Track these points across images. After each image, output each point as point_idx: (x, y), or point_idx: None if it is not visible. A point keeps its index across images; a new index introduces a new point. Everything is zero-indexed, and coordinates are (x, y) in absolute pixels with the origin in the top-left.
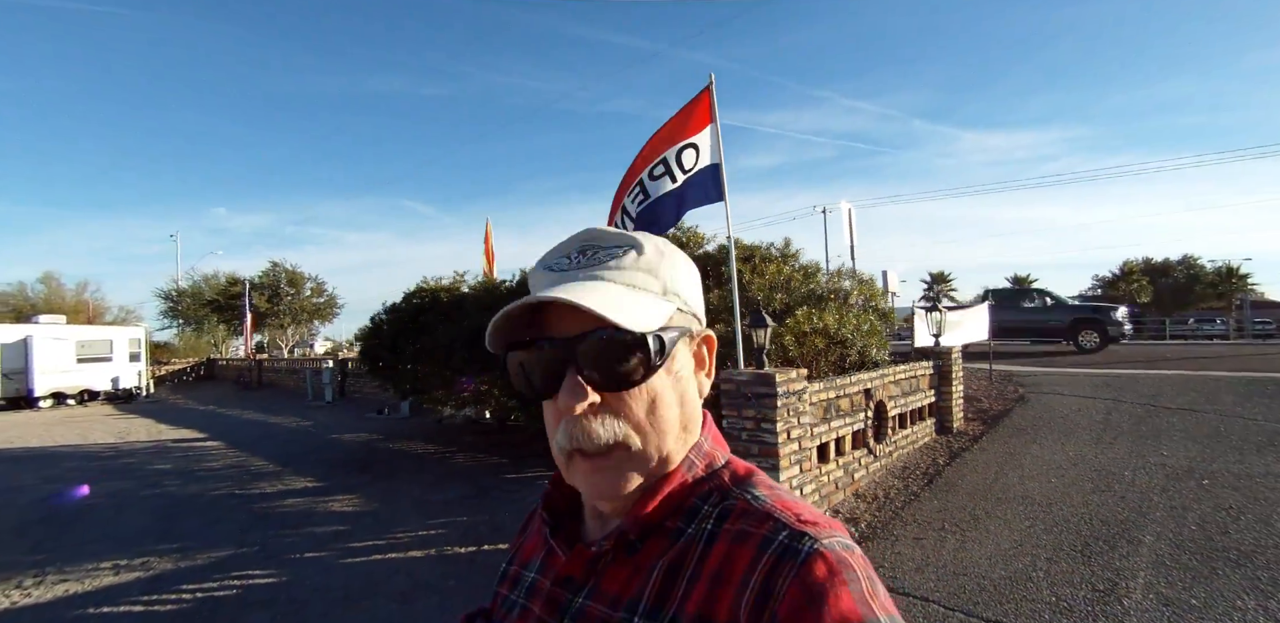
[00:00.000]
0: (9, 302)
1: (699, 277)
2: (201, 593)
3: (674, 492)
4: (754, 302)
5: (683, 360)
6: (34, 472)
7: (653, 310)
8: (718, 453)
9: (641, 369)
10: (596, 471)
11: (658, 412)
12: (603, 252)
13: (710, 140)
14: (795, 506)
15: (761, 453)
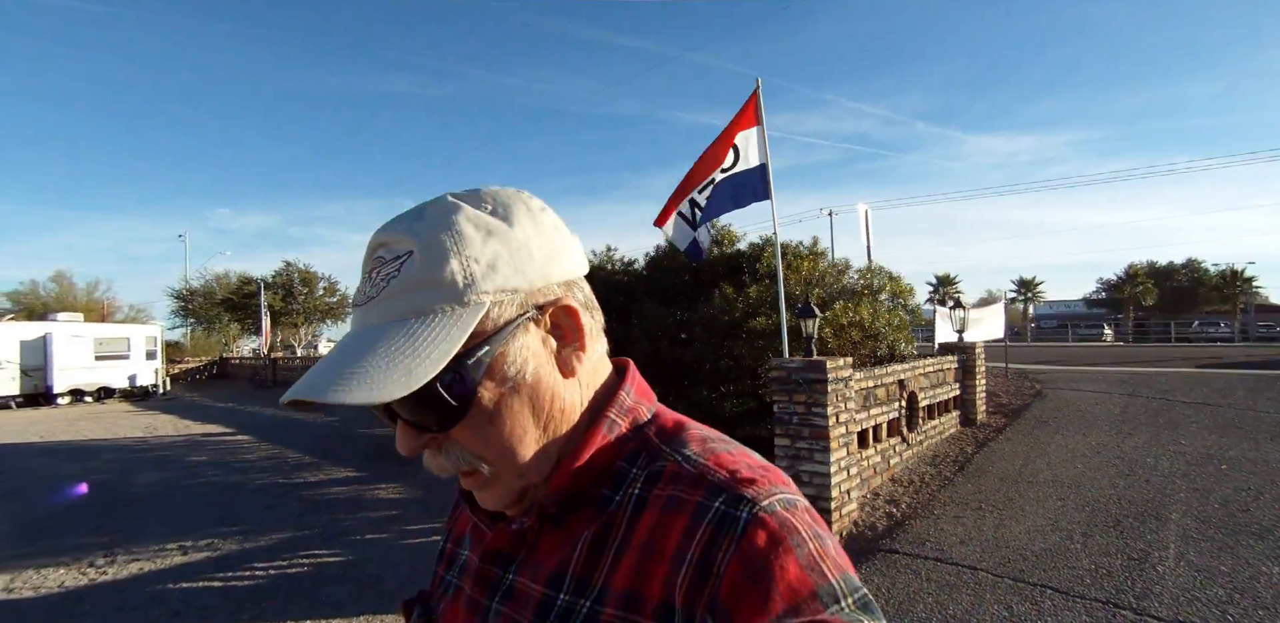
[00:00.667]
0: (21, 300)
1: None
2: (274, 570)
3: (595, 455)
4: (791, 296)
5: (520, 356)
6: (74, 463)
7: (443, 336)
8: (642, 407)
9: (449, 411)
10: (469, 486)
11: (498, 430)
12: (387, 268)
13: (756, 141)
14: (730, 460)
15: (812, 435)
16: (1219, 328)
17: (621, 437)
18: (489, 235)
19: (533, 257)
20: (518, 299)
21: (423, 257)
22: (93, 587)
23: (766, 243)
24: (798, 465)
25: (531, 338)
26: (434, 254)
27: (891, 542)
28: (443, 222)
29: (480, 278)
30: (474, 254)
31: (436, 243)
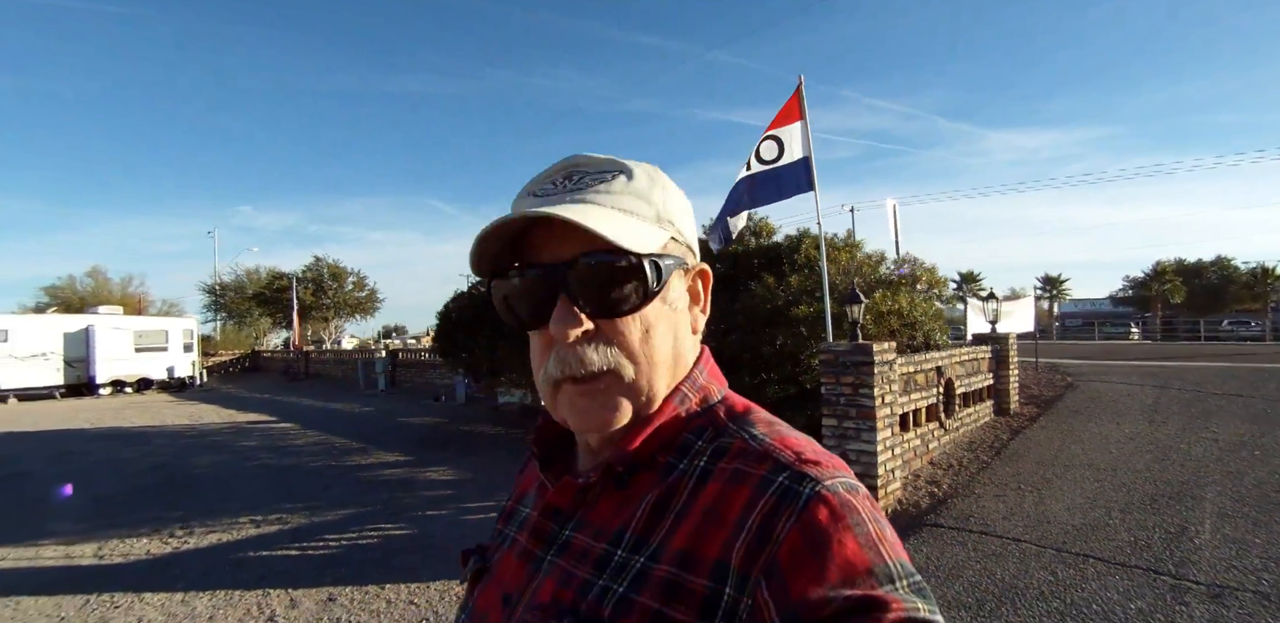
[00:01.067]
0: (59, 294)
1: (692, 209)
2: (345, 542)
3: (664, 425)
4: (831, 285)
5: (678, 291)
6: (129, 448)
7: (644, 235)
8: (713, 387)
9: (637, 296)
10: (585, 396)
11: (651, 342)
12: (590, 176)
13: (800, 136)
14: (796, 443)
15: (859, 415)
16: (1249, 326)
17: (691, 411)
18: (670, 188)
19: (690, 220)
20: (682, 246)
21: (632, 178)
22: (177, 554)
23: (804, 235)
24: (845, 444)
25: (683, 282)
26: (646, 180)
27: (936, 517)
28: (650, 168)
29: (673, 213)
30: (664, 194)
31: (648, 175)
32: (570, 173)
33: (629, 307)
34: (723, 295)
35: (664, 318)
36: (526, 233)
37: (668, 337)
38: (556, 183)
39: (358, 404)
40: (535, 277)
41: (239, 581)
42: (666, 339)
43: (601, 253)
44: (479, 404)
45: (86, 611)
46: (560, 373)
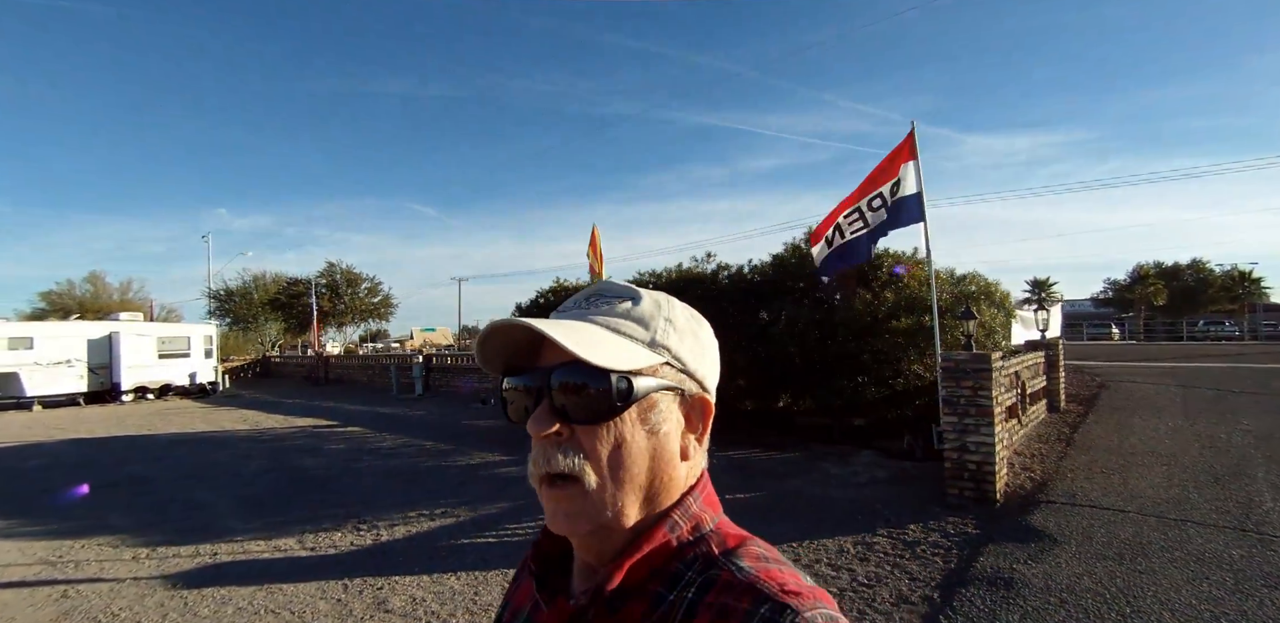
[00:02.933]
0: (55, 300)
1: (712, 343)
2: (529, 530)
3: (654, 552)
4: (916, 298)
5: (664, 414)
6: (217, 452)
7: (626, 355)
8: (706, 516)
9: (603, 406)
10: (555, 498)
11: (620, 458)
12: (603, 299)
13: (913, 173)
14: (780, 576)
15: (978, 413)
16: (1224, 327)
17: (682, 539)
18: (692, 321)
19: (703, 356)
20: (680, 373)
21: (643, 304)
22: (383, 544)
23: (884, 253)
24: (965, 438)
25: (675, 408)
26: (649, 305)
27: (1047, 496)
28: (664, 297)
29: (670, 340)
30: (676, 324)
31: (654, 302)
32: (592, 295)
33: (596, 416)
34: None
35: (639, 436)
36: (541, 341)
37: (641, 455)
38: (578, 303)
39: (404, 409)
40: (530, 379)
41: (468, 563)
42: (639, 458)
43: (578, 365)
44: None
45: (352, 593)
46: (535, 468)
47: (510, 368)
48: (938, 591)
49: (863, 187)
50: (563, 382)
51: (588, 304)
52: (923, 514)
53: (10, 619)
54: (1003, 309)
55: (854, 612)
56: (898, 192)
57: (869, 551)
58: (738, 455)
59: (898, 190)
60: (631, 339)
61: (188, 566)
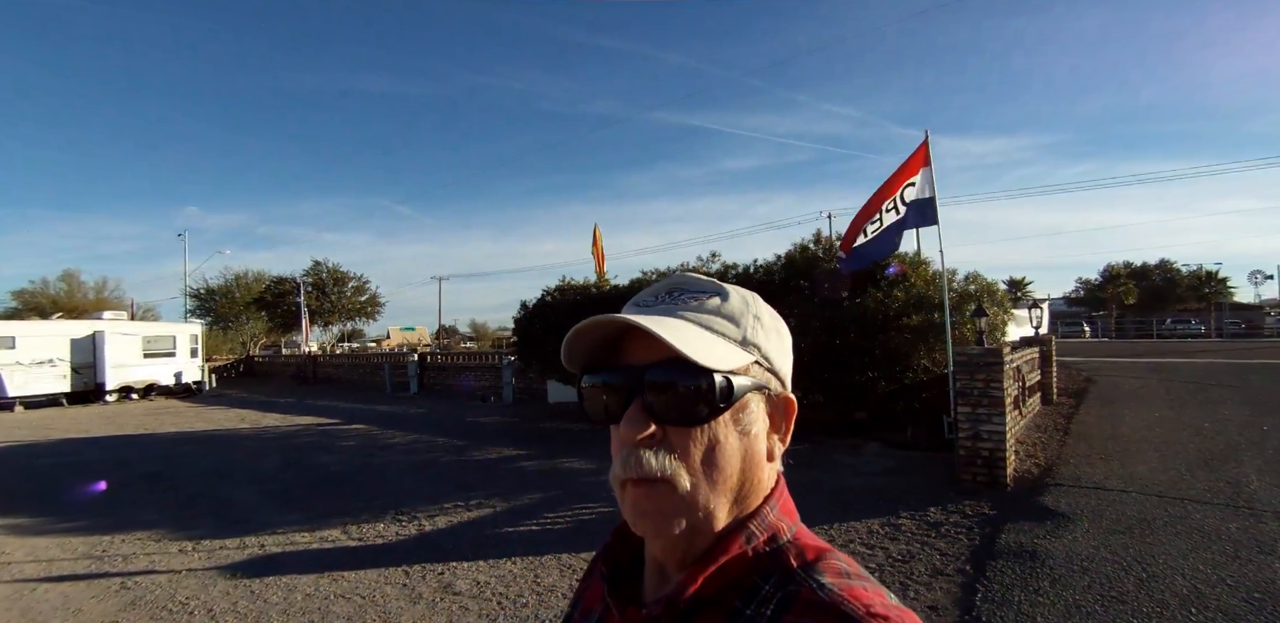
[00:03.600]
0: (29, 299)
1: (789, 340)
2: (569, 518)
3: (730, 563)
4: (925, 298)
5: (755, 415)
6: (228, 451)
7: (724, 353)
8: (783, 525)
9: (704, 407)
10: (644, 498)
11: (714, 460)
12: (688, 294)
13: (925, 179)
14: (866, 596)
15: (989, 404)
16: (1190, 324)
17: (759, 550)
18: (774, 320)
19: (785, 355)
20: (767, 372)
21: (726, 300)
22: (428, 534)
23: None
24: (978, 427)
25: (763, 408)
26: (740, 304)
27: (1054, 480)
28: (750, 294)
29: (760, 338)
30: (764, 321)
31: (742, 299)
32: (673, 289)
33: (694, 418)
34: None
35: (732, 437)
36: (623, 337)
37: (734, 457)
38: (659, 297)
39: (402, 407)
40: (618, 377)
41: (519, 549)
42: (732, 459)
43: (677, 363)
44: (529, 404)
45: (415, 578)
46: (622, 472)
47: (590, 366)
48: (968, 563)
49: (880, 193)
50: (660, 381)
51: (671, 299)
52: (939, 499)
53: (76, 611)
54: (1002, 307)
55: (895, 584)
56: (912, 196)
57: (896, 531)
58: None
59: (911, 195)
60: (726, 337)
61: (239, 557)
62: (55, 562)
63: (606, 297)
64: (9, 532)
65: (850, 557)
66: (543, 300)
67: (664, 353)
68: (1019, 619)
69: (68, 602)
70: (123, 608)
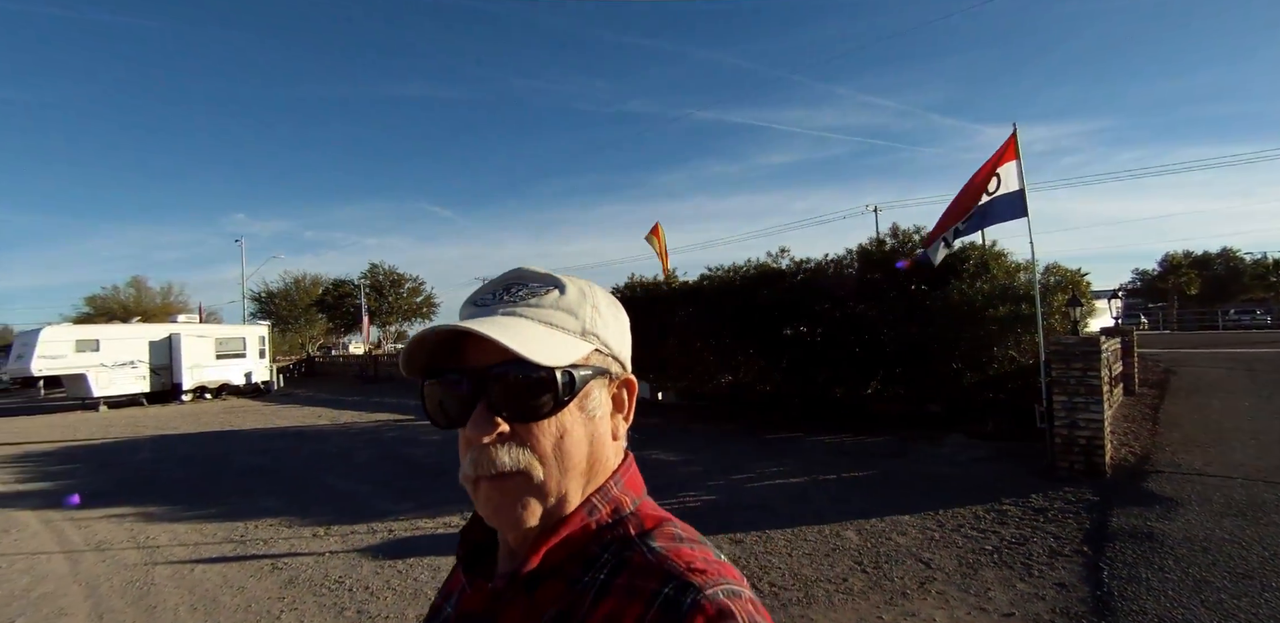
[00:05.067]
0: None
1: (627, 322)
2: (673, 506)
3: (573, 535)
4: (1008, 288)
5: (598, 400)
6: (321, 444)
7: (565, 347)
8: (626, 498)
9: (550, 403)
10: (495, 493)
11: (564, 447)
12: (525, 290)
13: (1015, 172)
14: (690, 554)
15: (1087, 392)
16: (1256, 315)
17: (601, 522)
18: (611, 306)
19: (624, 337)
20: (606, 356)
21: (569, 293)
22: None
23: (970, 247)
24: (1075, 415)
25: (605, 392)
26: (576, 295)
27: (1153, 466)
28: (585, 283)
29: (599, 327)
30: (600, 310)
31: (579, 290)
32: (510, 285)
33: (541, 414)
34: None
35: (579, 424)
36: (460, 339)
37: (582, 443)
38: (495, 294)
39: None
40: (460, 381)
41: None
42: (581, 445)
43: (517, 363)
44: None
45: None
46: (473, 471)
47: (432, 368)
48: (1085, 545)
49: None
50: (503, 381)
51: (510, 295)
52: (1038, 486)
53: (241, 588)
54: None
55: (1017, 565)
56: (999, 189)
57: (1003, 517)
58: (831, 440)
59: (999, 187)
60: (565, 331)
61: (373, 541)
62: (199, 546)
63: (676, 293)
64: (143, 519)
65: (689, 525)
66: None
67: (502, 354)
68: (1150, 593)
69: (228, 581)
70: (283, 586)
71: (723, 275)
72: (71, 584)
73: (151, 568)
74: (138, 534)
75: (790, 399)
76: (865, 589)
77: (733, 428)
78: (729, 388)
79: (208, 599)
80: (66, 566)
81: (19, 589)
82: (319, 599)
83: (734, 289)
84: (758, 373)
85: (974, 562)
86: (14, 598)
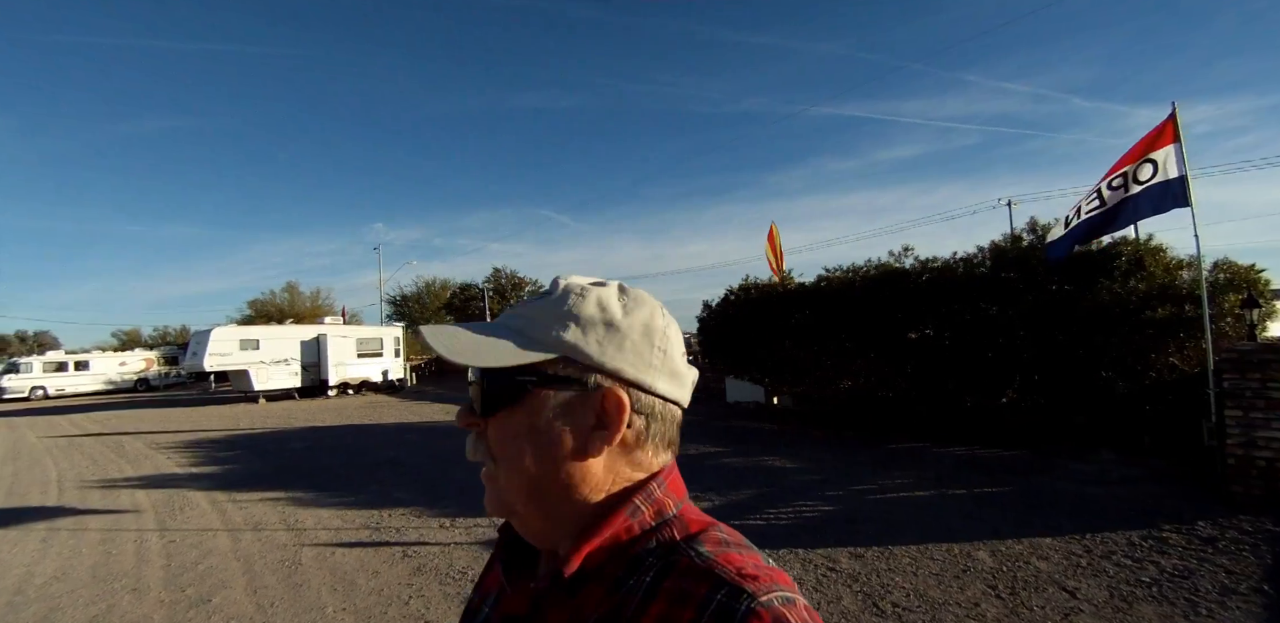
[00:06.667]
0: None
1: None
2: (790, 515)
3: (614, 536)
4: (1166, 288)
5: (555, 412)
6: (445, 440)
7: (505, 354)
8: (670, 501)
9: (487, 403)
10: (484, 481)
11: (507, 452)
12: (536, 298)
13: (1175, 157)
14: (740, 560)
15: (1266, 406)
16: None
17: (644, 525)
18: (602, 310)
19: (620, 349)
20: (581, 368)
21: (551, 302)
22: None
23: (1119, 242)
24: (1253, 433)
25: (577, 401)
26: (556, 304)
27: None
28: (580, 287)
29: (572, 336)
30: (581, 320)
31: (568, 299)
32: (540, 291)
33: (482, 410)
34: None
35: (524, 432)
36: None
37: (524, 450)
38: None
39: None
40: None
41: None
42: (523, 451)
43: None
44: (706, 402)
45: None
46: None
47: None
48: (1265, 582)
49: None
50: (470, 379)
51: (526, 302)
52: (1205, 511)
53: (375, 573)
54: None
55: (1180, 602)
56: (1154, 176)
57: (1163, 545)
58: (961, 452)
59: (1155, 174)
60: (526, 337)
61: (493, 535)
62: (340, 531)
63: (792, 295)
64: (294, 504)
65: (735, 530)
66: (726, 300)
67: None
68: None
69: (364, 565)
70: (411, 573)
71: (841, 276)
72: (232, 560)
73: (299, 549)
74: (288, 517)
75: (915, 407)
76: (1000, 617)
77: (852, 436)
78: (847, 393)
79: (346, 581)
80: (229, 542)
81: (189, 562)
82: (444, 588)
83: (854, 290)
84: (879, 378)
85: (1128, 595)
86: (185, 570)
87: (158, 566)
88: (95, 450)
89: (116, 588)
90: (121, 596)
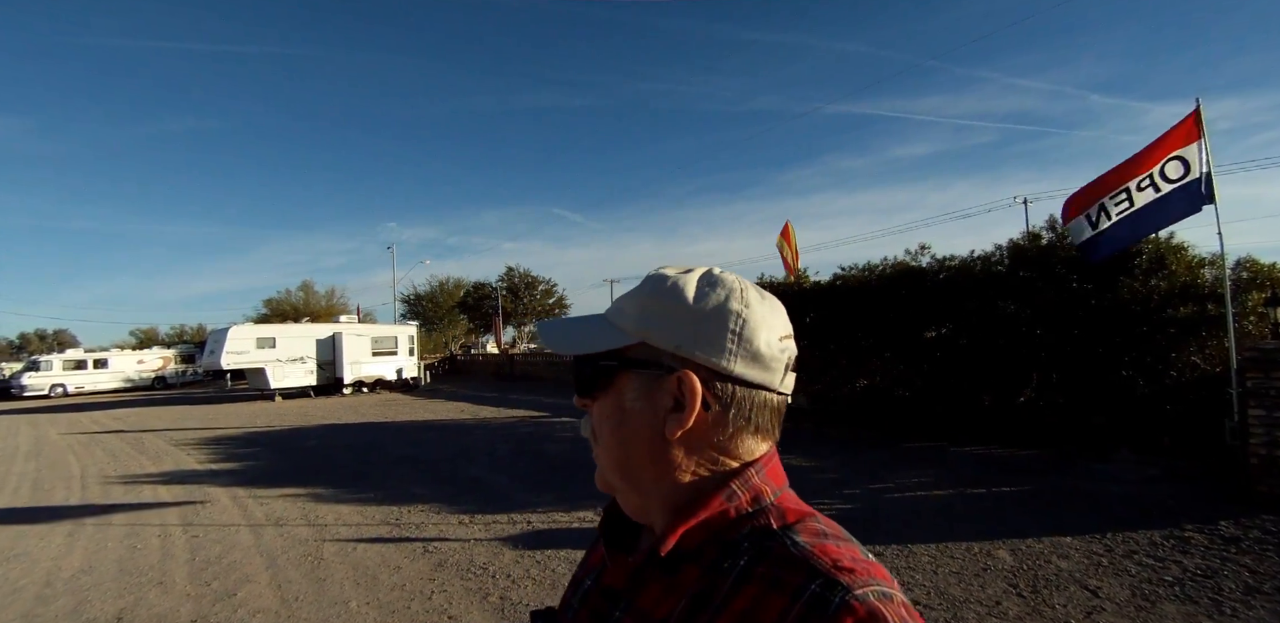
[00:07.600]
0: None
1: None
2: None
3: (711, 519)
4: (1189, 286)
5: (636, 394)
6: (459, 438)
7: (597, 339)
8: (768, 488)
9: (580, 384)
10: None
11: (604, 428)
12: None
13: (1200, 154)
14: (836, 552)
15: None
16: None
17: (741, 509)
18: (674, 297)
19: (692, 333)
20: (659, 351)
21: (641, 290)
22: None
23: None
24: (1275, 432)
25: (655, 384)
26: (640, 293)
27: None
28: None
29: (650, 322)
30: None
31: (644, 284)
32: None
33: (579, 392)
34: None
35: (612, 412)
36: None
37: (615, 430)
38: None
39: None
40: None
41: None
42: (615, 432)
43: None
44: None
45: None
46: None
47: None
48: None
49: (1126, 167)
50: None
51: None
52: (1228, 511)
53: (397, 568)
54: None
55: (1204, 601)
56: (1185, 175)
57: (1186, 544)
58: (979, 451)
59: (1186, 173)
60: (613, 326)
61: (513, 531)
62: (361, 526)
63: (808, 293)
64: (314, 500)
65: (833, 521)
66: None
67: None
68: None
69: (386, 560)
70: (433, 568)
71: (858, 275)
72: (255, 555)
73: (321, 544)
74: (309, 513)
75: (932, 406)
76: (1022, 616)
77: (869, 435)
78: (863, 392)
79: (368, 576)
80: (251, 538)
81: (213, 557)
82: (465, 583)
83: (870, 289)
84: (895, 377)
85: (1151, 594)
86: (209, 564)
87: (182, 560)
88: (116, 447)
89: (143, 582)
90: (148, 589)
